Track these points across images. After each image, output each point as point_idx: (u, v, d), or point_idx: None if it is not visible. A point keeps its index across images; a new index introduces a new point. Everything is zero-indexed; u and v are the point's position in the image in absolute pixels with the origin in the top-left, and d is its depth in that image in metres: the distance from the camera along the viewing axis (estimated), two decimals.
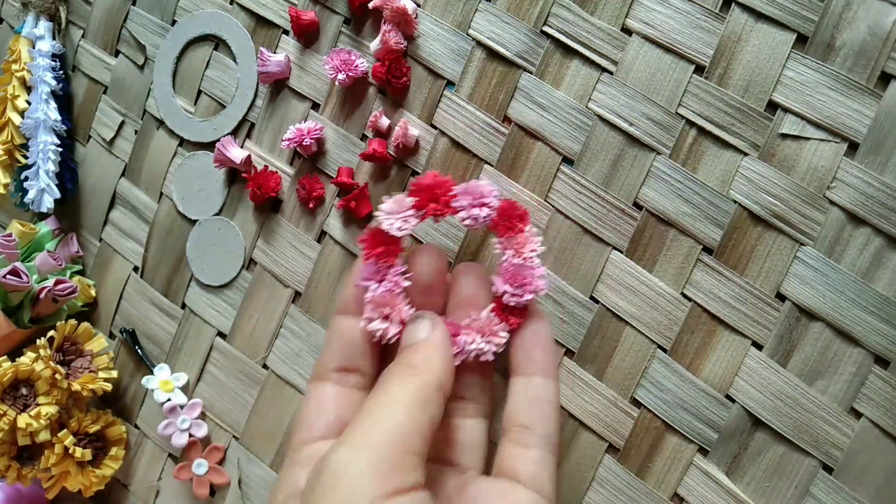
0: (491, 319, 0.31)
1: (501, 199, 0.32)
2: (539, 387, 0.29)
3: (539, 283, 0.31)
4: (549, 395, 0.29)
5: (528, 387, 0.29)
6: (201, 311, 0.50)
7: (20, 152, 0.53)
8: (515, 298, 0.30)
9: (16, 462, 0.46)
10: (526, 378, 0.30)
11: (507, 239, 0.32)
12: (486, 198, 0.31)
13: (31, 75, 0.52)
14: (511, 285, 0.30)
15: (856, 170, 0.36)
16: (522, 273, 0.30)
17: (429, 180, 0.31)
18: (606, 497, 0.40)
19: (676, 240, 0.39)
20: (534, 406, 0.29)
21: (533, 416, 0.29)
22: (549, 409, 0.29)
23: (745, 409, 0.37)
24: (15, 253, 0.49)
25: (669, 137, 0.39)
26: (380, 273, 0.30)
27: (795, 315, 0.37)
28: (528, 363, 0.30)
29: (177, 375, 0.50)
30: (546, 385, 0.29)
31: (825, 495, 0.36)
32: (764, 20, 0.37)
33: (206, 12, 0.50)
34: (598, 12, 0.40)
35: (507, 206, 0.32)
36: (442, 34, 0.44)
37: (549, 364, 0.30)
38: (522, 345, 0.30)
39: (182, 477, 0.49)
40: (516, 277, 0.30)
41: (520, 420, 0.29)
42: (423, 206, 0.31)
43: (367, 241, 0.31)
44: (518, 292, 0.30)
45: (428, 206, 0.31)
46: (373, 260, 0.30)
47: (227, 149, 0.47)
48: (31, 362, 0.45)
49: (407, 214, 0.31)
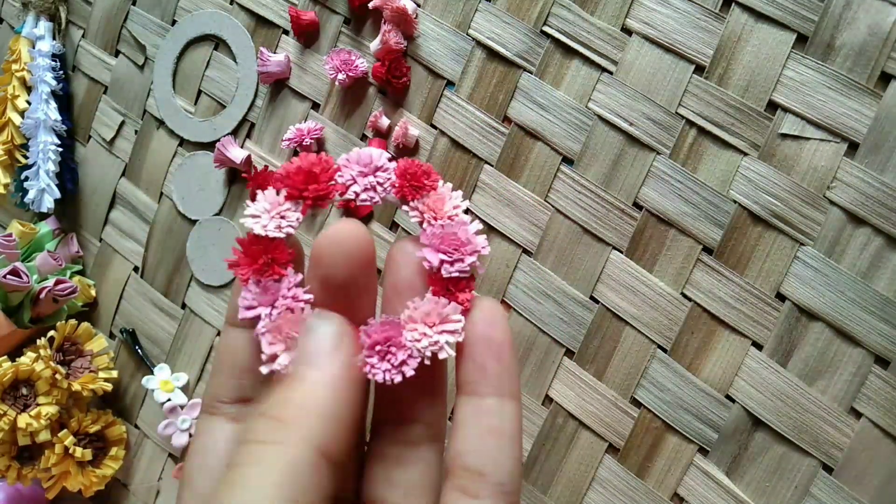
0: (436, 302, 0.23)
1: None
2: (494, 413, 0.22)
3: (479, 241, 0.24)
4: (507, 425, 0.22)
5: (479, 413, 0.22)
6: (201, 311, 0.50)
7: (20, 152, 0.53)
8: (457, 266, 0.23)
9: (16, 462, 0.46)
10: (477, 400, 0.22)
11: (420, 202, 0.25)
12: (377, 161, 0.24)
13: (31, 75, 0.52)
14: (445, 253, 0.24)
15: (856, 170, 0.36)
16: (453, 234, 0.24)
17: (300, 162, 0.24)
18: (606, 497, 0.40)
19: (676, 240, 0.39)
20: (487, 441, 0.21)
21: (487, 456, 0.21)
22: (507, 445, 0.21)
23: (746, 410, 0.37)
24: (15, 253, 0.49)
25: (669, 137, 0.39)
26: (268, 292, 0.23)
27: (795, 315, 0.37)
28: (479, 379, 0.22)
29: (177, 375, 0.50)
30: (504, 412, 0.22)
31: (825, 495, 0.36)
32: (764, 20, 0.37)
33: (206, 12, 0.50)
34: (598, 12, 0.40)
35: (405, 164, 0.25)
36: (442, 34, 0.44)
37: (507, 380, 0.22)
38: (471, 353, 0.22)
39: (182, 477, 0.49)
40: (447, 241, 0.24)
41: (470, 462, 0.21)
42: (298, 193, 0.24)
43: (241, 256, 0.23)
44: (456, 257, 0.23)
45: (307, 189, 0.24)
46: (253, 279, 0.23)
47: (227, 149, 0.47)
48: (32, 362, 0.45)
49: (283, 209, 0.23)
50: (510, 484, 0.21)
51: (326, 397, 0.18)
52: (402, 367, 0.22)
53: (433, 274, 0.24)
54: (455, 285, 0.24)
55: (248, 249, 0.23)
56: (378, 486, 0.23)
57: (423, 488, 0.23)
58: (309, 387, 0.19)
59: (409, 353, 0.22)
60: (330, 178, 0.24)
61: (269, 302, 0.23)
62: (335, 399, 0.19)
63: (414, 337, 0.22)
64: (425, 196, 0.24)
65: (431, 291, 0.23)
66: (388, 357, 0.22)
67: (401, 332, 0.22)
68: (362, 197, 0.24)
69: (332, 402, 0.18)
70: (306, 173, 0.24)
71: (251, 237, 0.23)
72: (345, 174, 0.24)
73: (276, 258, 0.23)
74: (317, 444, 0.18)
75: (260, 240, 0.23)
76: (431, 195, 0.24)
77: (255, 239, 0.23)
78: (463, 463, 0.21)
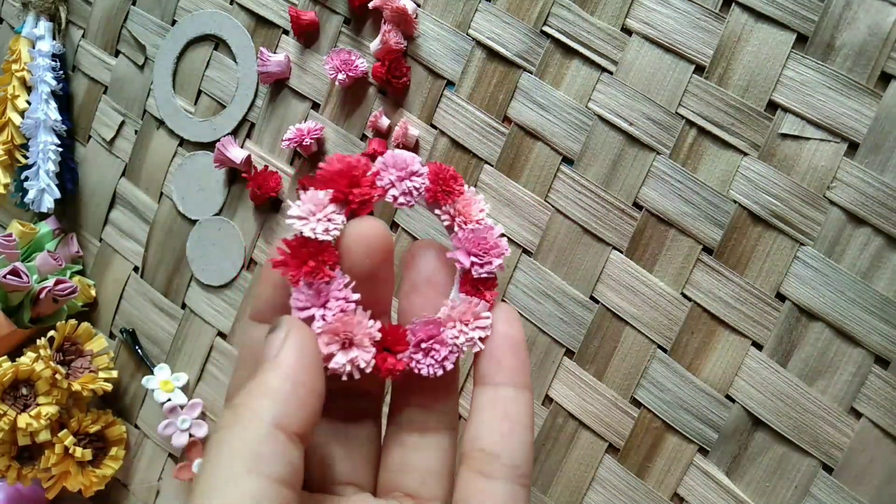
0: (470, 302, 0.25)
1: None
2: (509, 401, 0.24)
3: (503, 244, 0.26)
4: (521, 413, 0.24)
5: (495, 401, 0.24)
6: (201, 311, 0.50)
7: (20, 152, 0.53)
8: (486, 267, 0.26)
9: (16, 462, 0.46)
10: (493, 390, 0.24)
11: (451, 206, 0.26)
12: (412, 166, 0.26)
13: (31, 75, 0.52)
14: (475, 255, 0.26)
15: (856, 170, 0.36)
16: (482, 238, 0.26)
17: (338, 164, 0.25)
18: (606, 497, 0.40)
19: (676, 240, 0.39)
20: (502, 426, 0.23)
21: (501, 440, 0.23)
22: (520, 431, 0.23)
23: (745, 409, 0.37)
24: (15, 253, 0.49)
25: (669, 137, 0.39)
26: (320, 294, 0.24)
27: (795, 315, 0.37)
28: (496, 371, 0.24)
29: (177, 375, 0.50)
30: (518, 400, 0.24)
31: (825, 495, 0.36)
32: (764, 20, 0.37)
33: (206, 12, 0.50)
34: (598, 12, 0.40)
35: (436, 169, 0.26)
36: (442, 34, 0.44)
37: (521, 372, 0.25)
38: (490, 349, 0.25)
39: (182, 477, 0.49)
40: (478, 244, 0.26)
41: (485, 444, 0.23)
42: (344, 196, 0.25)
43: (288, 258, 0.24)
44: (486, 259, 0.26)
45: (351, 193, 0.25)
46: (305, 281, 0.24)
47: (227, 149, 0.47)
48: (32, 362, 0.45)
49: (329, 212, 0.24)
50: (523, 466, 0.23)
51: (274, 382, 0.20)
52: (444, 362, 0.24)
53: (464, 274, 0.26)
54: (483, 285, 0.26)
55: (296, 251, 0.24)
56: (395, 472, 0.24)
57: (438, 474, 0.24)
58: (260, 377, 0.21)
59: (450, 349, 0.24)
60: (371, 181, 0.25)
61: (321, 303, 0.24)
62: (282, 381, 0.20)
63: (454, 335, 0.25)
64: (455, 200, 0.26)
65: (463, 290, 0.26)
66: (431, 353, 0.24)
67: (439, 330, 0.24)
68: (400, 200, 0.25)
69: (280, 384, 0.20)
70: (349, 176, 0.25)
71: (299, 239, 0.24)
72: (383, 178, 0.25)
73: (325, 260, 0.24)
74: (269, 419, 0.19)
75: (308, 242, 0.24)
76: (460, 200, 0.26)
77: (303, 241, 0.24)
78: (478, 446, 0.23)
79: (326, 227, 0.24)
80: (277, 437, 0.19)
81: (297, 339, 0.22)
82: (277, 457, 0.19)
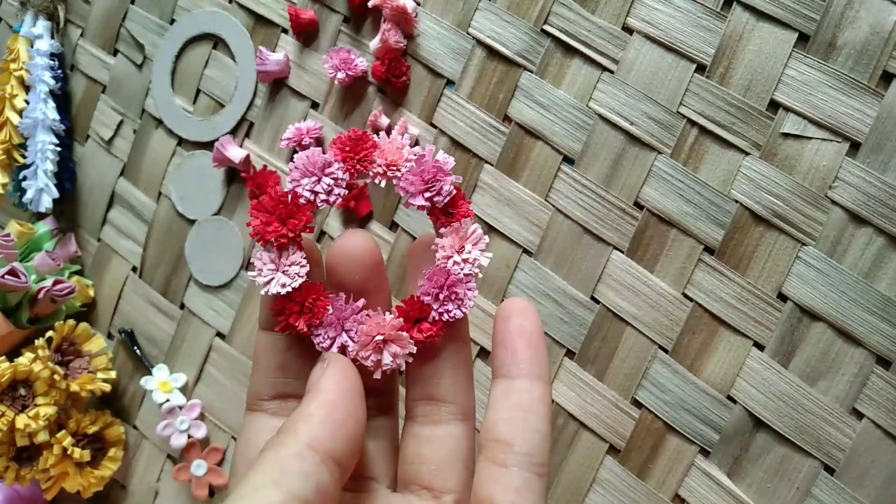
0: (452, 229, 0.25)
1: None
2: (524, 393, 0.24)
3: (442, 160, 0.25)
4: (535, 403, 0.24)
5: (510, 392, 0.24)
6: (200, 311, 0.50)
7: (18, 152, 0.53)
8: (443, 192, 0.25)
9: (14, 463, 0.46)
10: (509, 381, 0.24)
11: (375, 166, 0.25)
12: (318, 161, 0.25)
13: (29, 74, 0.52)
14: (426, 190, 0.25)
15: (857, 169, 0.36)
16: (422, 171, 0.25)
17: (259, 213, 0.25)
18: (607, 498, 0.40)
19: (678, 240, 0.39)
20: (517, 416, 0.24)
21: (515, 429, 0.23)
22: (535, 420, 0.24)
23: (747, 410, 0.37)
24: (13, 253, 0.48)
25: (670, 137, 0.39)
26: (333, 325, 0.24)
27: (797, 315, 0.37)
28: (512, 363, 0.25)
29: (175, 376, 0.50)
30: (533, 391, 0.24)
31: (827, 496, 0.36)
32: (765, 19, 0.37)
33: (204, 11, 0.50)
34: (598, 11, 0.40)
35: (338, 143, 0.26)
36: (442, 33, 0.44)
37: (537, 364, 0.25)
38: (506, 341, 0.25)
39: (181, 478, 0.49)
40: (422, 178, 0.25)
41: (499, 433, 0.23)
42: (287, 239, 0.24)
43: (284, 318, 0.24)
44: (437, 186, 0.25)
45: (288, 231, 0.24)
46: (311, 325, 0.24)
47: (225, 148, 0.47)
48: (30, 363, 0.45)
49: (286, 261, 0.24)
50: (538, 456, 0.23)
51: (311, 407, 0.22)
52: (468, 294, 0.24)
53: (431, 212, 0.25)
54: (452, 207, 0.25)
55: (287, 307, 0.24)
56: (410, 465, 0.25)
57: (451, 465, 0.25)
58: (302, 405, 0.22)
59: (464, 282, 0.24)
60: (295, 204, 0.25)
61: (340, 329, 0.24)
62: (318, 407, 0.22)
63: (458, 269, 0.24)
64: (374, 158, 0.25)
65: (439, 225, 0.25)
66: (452, 297, 0.24)
67: (445, 273, 0.24)
68: (332, 200, 0.25)
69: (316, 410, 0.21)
70: (276, 216, 0.25)
71: (279, 300, 0.24)
72: (302, 193, 0.25)
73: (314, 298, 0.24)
74: (304, 440, 0.20)
75: (290, 295, 0.24)
76: (378, 154, 0.25)
77: (285, 298, 0.24)
78: (493, 435, 0.24)
79: (295, 272, 0.24)
80: (309, 457, 0.20)
81: (336, 370, 0.23)
82: (303, 475, 0.20)
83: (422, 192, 0.25)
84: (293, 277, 0.24)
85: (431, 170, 0.25)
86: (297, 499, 0.19)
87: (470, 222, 0.25)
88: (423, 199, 0.25)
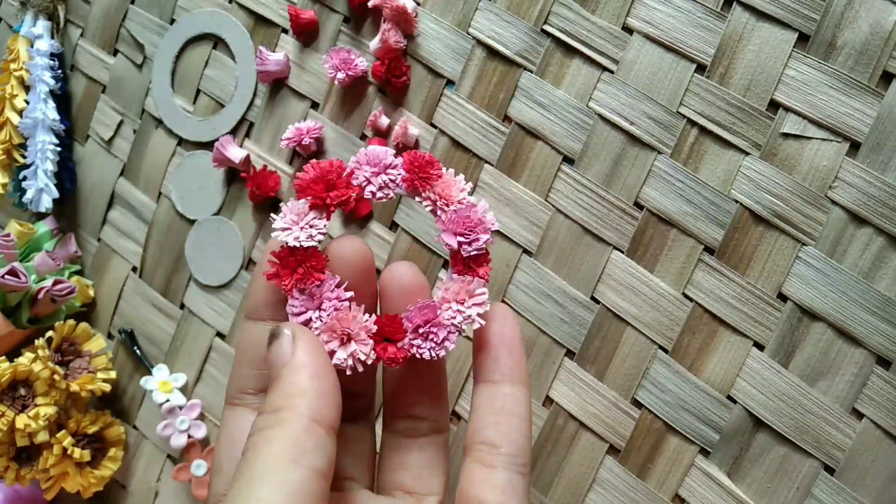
0: (463, 281, 0.26)
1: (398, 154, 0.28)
2: (508, 397, 0.25)
3: (489, 219, 0.26)
4: (518, 406, 0.25)
5: (494, 397, 0.25)
6: (200, 311, 0.50)
7: (18, 152, 0.53)
8: (474, 245, 0.26)
9: (14, 463, 0.46)
10: (492, 387, 0.25)
11: (430, 192, 0.27)
12: (386, 159, 0.26)
13: (29, 74, 0.52)
14: (462, 235, 0.26)
15: (857, 169, 0.36)
16: (466, 217, 0.26)
17: (314, 171, 0.26)
18: (607, 498, 0.40)
19: (678, 240, 0.39)
20: (501, 419, 0.25)
21: (500, 431, 0.25)
22: (518, 423, 0.25)
23: (747, 410, 0.37)
24: (13, 253, 0.48)
25: (671, 137, 0.39)
26: (314, 297, 0.25)
27: (797, 315, 0.37)
28: (494, 369, 0.26)
29: (175, 376, 0.50)
30: (516, 395, 0.25)
31: (827, 496, 0.36)
32: (765, 19, 0.37)
33: (204, 11, 0.50)
34: (598, 11, 0.40)
35: (410, 157, 0.27)
36: (442, 33, 0.44)
37: (517, 369, 0.26)
38: (487, 347, 0.26)
39: (181, 478, 0.49)
40: (463, 224, 0.26)
41: (484, 436, 0.24)
42: (322, 202, 0.25)
43: (278, 268, 0.25)
44: (473, 237, 0.26)
45: (328, 197, 0.25)
46: (297, 288, 0.25)
47: (225, 148, 0.47)
48: (30, 363, 0.45)
49: (310, 219, 0.25)
50: (522, 457, 0.24)
51: (303, 381, 0.22)
52: (444, 343, 0.25)
53: (454, 255, 0.27)
54: (474, 262, 0.26)
55: (285, 261, 0.25)
56: (392, 471, 0.26)
57: (430, 471, 0.26)
58: (287, 379, 0.22)
59: (448, 329, 0.25)
60: (347, 182, 0.26)
61: (316, 305, 0.25)
62: (309, 380, 0.22)
63: (450, 315, 0.25)
64: (434, 185, 0.26)
65: (455, 271, 0.26)
66: (430, 336, 0.25)
67: (436, 313, 0.25)
68: (378, 195, 0.26)
69: (308, 383, 0.22)
70: (325, 181, 0.26)
71: (285, 249, 0.25)
72: (359, 176, 0.26)
73: (313, 265, 0.25)
74: (308, 415, 0.21)
75: (294, 251, 0.25)
76: (439, 183, 0.26)
77: (289, 251, 0.25)
78: (480, 438, 0.25)
79: (310, 233, 0.25)
80: (316, 430, 0.21)
81: (306, 342, 0.23)
82: (318, 450, 0.20)
83: (458, 234, 0.26)
84: (308, 238, 0.25)
85: (476, 220, 0.26)
86: (317, 473, 0.20)
87: (481, 284, 0.26)
88: (455, 242, 0.26)
